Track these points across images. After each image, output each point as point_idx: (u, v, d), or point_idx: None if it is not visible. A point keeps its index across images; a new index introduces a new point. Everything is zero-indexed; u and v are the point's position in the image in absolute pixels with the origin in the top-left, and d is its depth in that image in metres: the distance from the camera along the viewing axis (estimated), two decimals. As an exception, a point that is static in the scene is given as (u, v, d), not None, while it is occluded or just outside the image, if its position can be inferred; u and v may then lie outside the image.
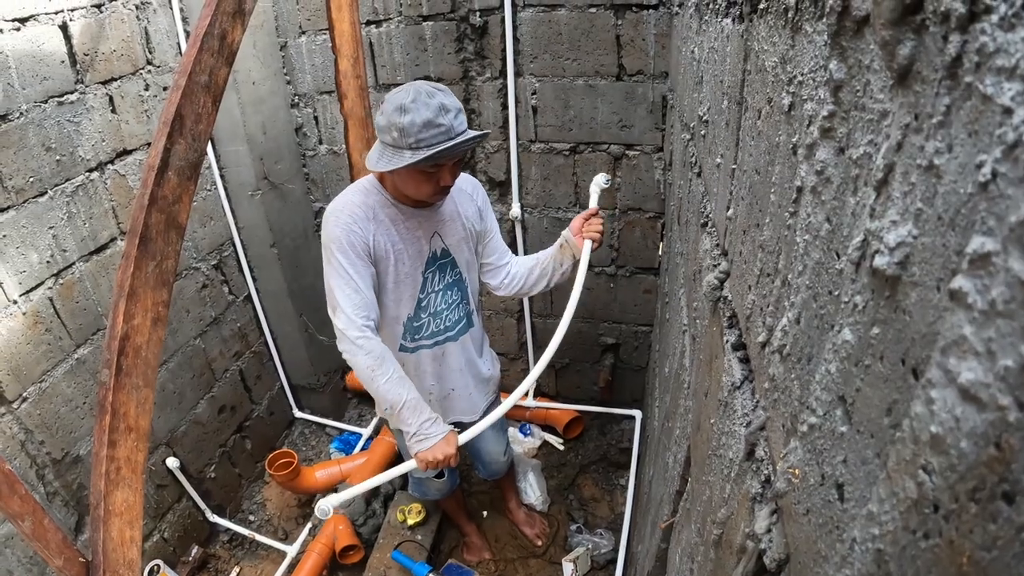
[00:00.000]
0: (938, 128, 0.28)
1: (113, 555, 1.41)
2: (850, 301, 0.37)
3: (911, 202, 0.30)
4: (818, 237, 0.45)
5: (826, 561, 0.37)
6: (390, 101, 1.64)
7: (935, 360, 0.26)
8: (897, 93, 0.33)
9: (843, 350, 0.38)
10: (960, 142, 0.26)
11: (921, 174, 0.29)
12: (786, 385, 0.50)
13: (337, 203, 1.82)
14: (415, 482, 2.49)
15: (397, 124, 1.61)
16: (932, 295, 0.28)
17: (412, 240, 1.88)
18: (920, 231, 0.29)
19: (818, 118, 0.45)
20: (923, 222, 0.29)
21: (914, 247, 0.30)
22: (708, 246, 1.02)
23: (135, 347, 1.36)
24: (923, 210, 0.29)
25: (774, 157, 0.59)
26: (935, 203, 0.28)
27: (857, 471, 0.34)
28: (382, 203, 1.84)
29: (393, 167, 1.65)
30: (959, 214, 0.26)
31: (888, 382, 0.32)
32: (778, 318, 0.54)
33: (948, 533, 0.25)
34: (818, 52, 0.46)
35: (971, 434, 0.24)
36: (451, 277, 2.01)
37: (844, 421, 0.37)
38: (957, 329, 0.25)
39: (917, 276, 0.29)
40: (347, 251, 1.76)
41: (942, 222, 0.27)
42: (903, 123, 0.32)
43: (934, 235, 0.28)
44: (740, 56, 0.82)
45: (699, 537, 0.84)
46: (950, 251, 0.26)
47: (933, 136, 0.28)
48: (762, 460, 0.56)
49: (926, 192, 0.29)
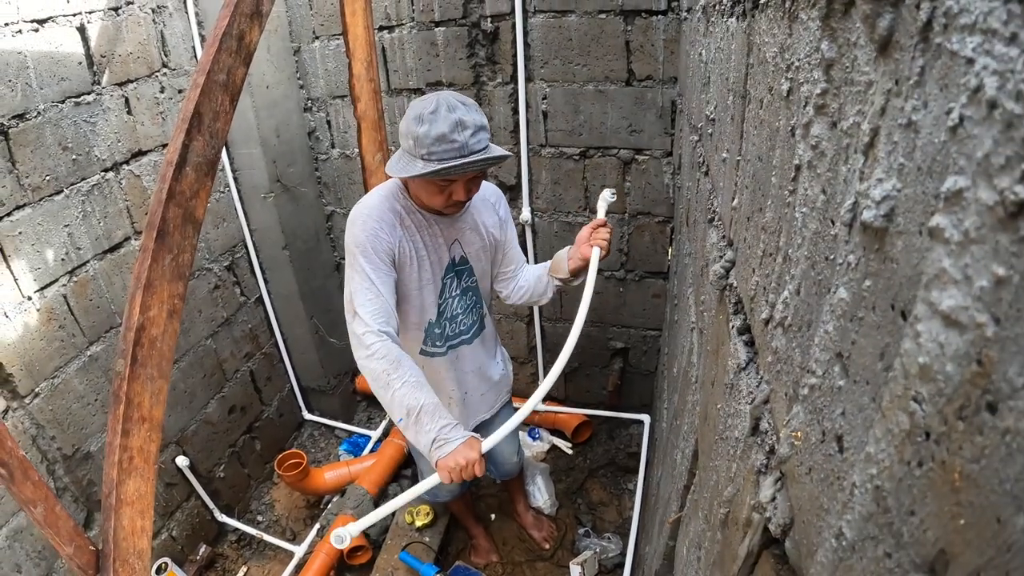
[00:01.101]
0: (915, 88, 0.31)
1: (124, 544, 1.43)
2: (844, 261, 0.39)
3: (894, 159, 0.33)
4: (815, 208, 0.47)
5: (828, 513, 0.38)
6: (413, 108, 1.65)
7: (920, 297, 0.28)
8: (880, 63, 0.35)
9: (839, 308, 0.39)
10: (933, 97, 0.29)
11: (902, 132, 0.32)
12: (788, 355, 0.52)
13: (364, 206, 1.79)
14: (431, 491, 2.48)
15: (413, 133, 1.62)
16: (915, 239, 0.30)
17: (434, 247, 1.88)
18: (903, 183, 0.32)
19: (813, 97, 0.48)
20: (905, 175, 0.32)
21: (898, 199, 0.32)
22: (715, 239, 1.04)
23: (151, 338, 1.38)
24: (904, 164, 0.32)
25: (775, 142, 0.62)
26: (915, 156, 0.30)
27: (855, 419, 0.36)
28: (407, 208, 1.83)
29: (405, 175, 1.65)
30: (935, 161, 0.28)
31: (880, 328, 0.33)
32: (779, 293, 0.55)
33: (940, 455, 0.27)
34: (812, 36, 0.49)
35: (955, 356, 0.26)
36: (467, 282, 2.01)
37: (842, 375, 0.39)
38: (937, 263, 0.27)
39: (902, 225, 0.32)
40: (371, 256, 1.73)
41: (921, 172, 0.30)
42: (885, 89, 0.34)
43: (915, 185, 0.30)
44: (744, 51, 0.84)
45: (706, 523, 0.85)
46: (928, 196, 0.29)
47: (911, 96, 0.31)
48: (766, 432, 0.57)
49: (907, 147, 0.31)
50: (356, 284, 1.72)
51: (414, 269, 1.85)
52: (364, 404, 3.96)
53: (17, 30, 2.03)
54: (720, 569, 0.69)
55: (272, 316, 3.41)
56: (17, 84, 2.04)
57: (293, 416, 3.73)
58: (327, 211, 3.49)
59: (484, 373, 2.18)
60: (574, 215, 2.97)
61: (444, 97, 1.64)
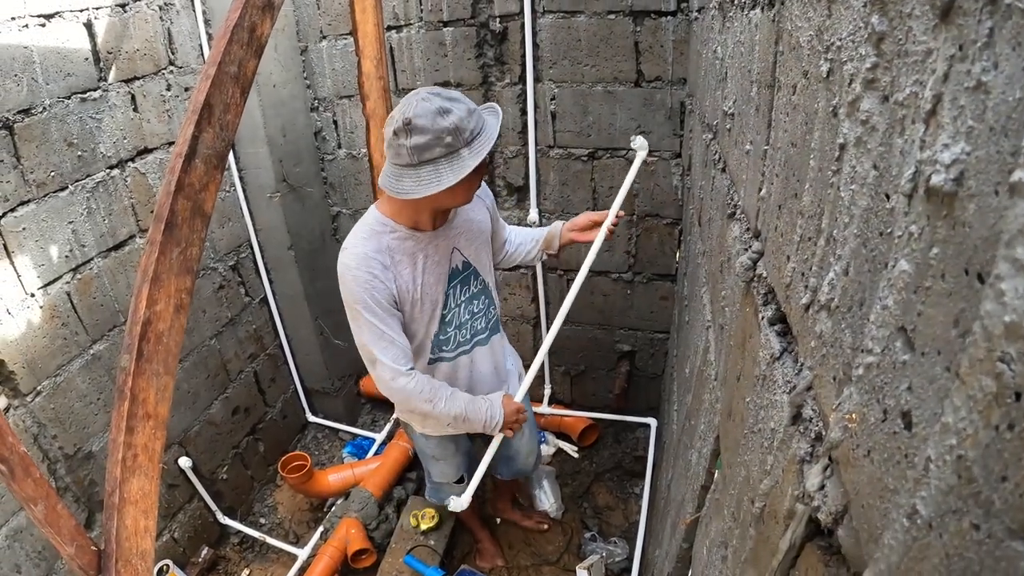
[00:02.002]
0: (983, 50, 0.31)
1: (127, 544, 1.40)
2: (904, 233, 0.39)
3: (961, 123, 0.33)
4: (865, 184, 0.47)
5: (896, 493, 0.37)
6: (420, 116, 1.51)
7: (1000, 256, 0.28)
8: (940, 30, 0.35)
9: (900, 281, 0.38)
10: (1005, 57, 0.29)
11: (969, 95, 0.32)
12: (835, 337, 0.51)
13: (350, 257, 1.71)
14: (433, 488, 2.48)
15: (446, 127, 1.51)
16: (991, 200, 0.29)
17: (433, 265, 1.82)
18: (973, 146, 0.32)
19: (860, 73, 0.48)
20: (975, 137, 0.31)
21: (968, 162, 0.32)
22: (737, 232, 1.02)
23: (157, 333, 1.36)
24: (974, 127, 0.31)
25: (812, 125, 0.62)
26: (985, 117, 0.30)
27: (924, 392, 0.35)
28: (398, 239, 1.75)
29: (460, 176, 1.55)
30: (1010, 119, 0.28)
31: (952, 295, 0.33)
32: (823, 276, 0.54)
33: (1033, 415, 0.25)
34: (856, 15, 0.49)
35: (1046, 308, 0.25)
36: (475, 287, 1.97)
37: (906, 350, 0.38)
38: (1020, 219, 0.27)
39: (974, 187, 0.31)
40: (374, 309, 1.71)
41: (994, 132, 0.29)
42: (948, 55, 0.34)
43: (987, 146, 0.30)
44: (771, 40, 0.83)
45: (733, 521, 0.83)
46: (1004, 155, 0.28)
47: (979, 59, 0.31)
48: (810, 419, 0.56)
49: (975, 110, 0.31)
50: (367, 337, 1.74)
51: (417, 296, 1.81)
52: (368, 406, 3.93)
53: (24, 24, 2.02)
54: (754, 566, 0.67)
55: (277, 317, 3.40)
56: (23, 79, 2.03)
57: (297, 418, 3.71)
58: (333, 212, 3.47)
59: (500, 374, 2.16)
60: (582, 216, 2.95)
61: (422, 93, 1.56)
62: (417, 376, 1.80)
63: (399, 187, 1.58)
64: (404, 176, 1.57)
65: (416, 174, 1.56)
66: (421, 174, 1.56)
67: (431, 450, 2.27)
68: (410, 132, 1.51)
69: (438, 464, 2.33)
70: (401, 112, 1.53)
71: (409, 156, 1.54)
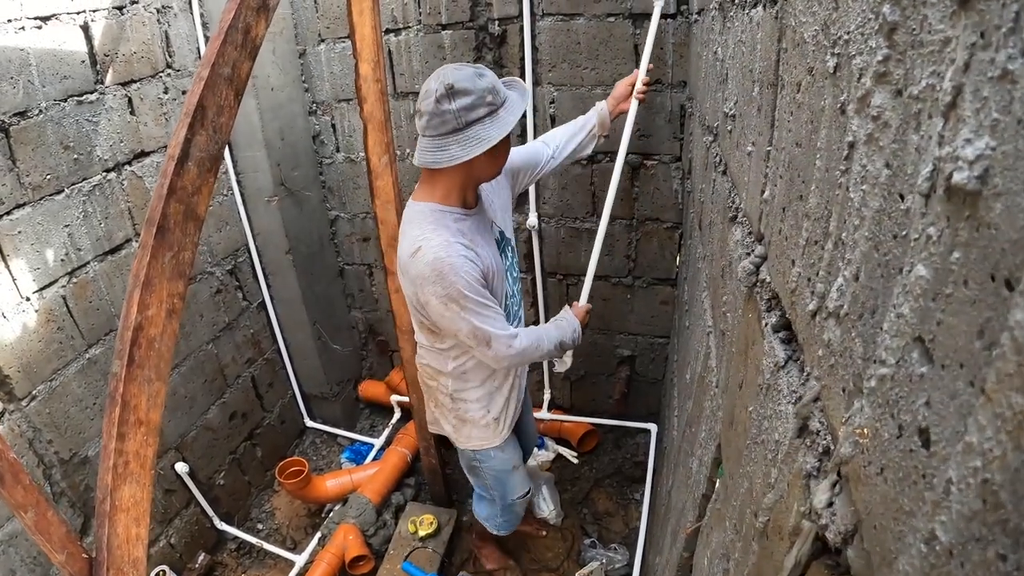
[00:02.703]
0: (1008, 35, 0.29)
1: (118, 552, 1.38)
2: (921, 236, 0.36)
3: (985, 116, 0.30)
4: (877, 184, 0.44)
5: (912, 516, 0.34)
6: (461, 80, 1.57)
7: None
8: (959, 17, 0.33)
9: (917, 288, 0.36)
10: None
11: (993, 85, 0.30)
12: (845, 347, 0.48)
13: (438, 249, 1.67)
14: (507, 519, 2.51)
15: (486, 87, 1.59)
16: (1020, 199, 0.27)
17: (489, 239, 1.86)
18: (999, 140, 0.29)
19: (871, 67, 0.46)
20: (1001, 131, 0.29)
21: (993, 158, 0.30)
22: (739, 236, 1.00)
23: (148, 338, 1.33)
24: (999, 119, 0.29)
25: (818, 124, 0.60)
26: (1012, 108, 0.28)
27: (945, 408, 0.32)
28: (458, 219, 1.76)
29: (505, 131, 1.63)
30: None
31: (976, 303, 0.30)
32: (830, 282, 0.52)
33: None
34: (865, 5, 0.47)
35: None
36: (511, 258, 2.02)
37: (923, 361, 0.35)
38: None
39: (1000, 185, 0.29)
40: (476, 288, 1.70)
41: (1022, 124, 0.27)
42: (969, 43, 0.32)
43: (1015, 140, 0.28)
44: (774, 38, 0.82)
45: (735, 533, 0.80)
46: None
47: (1004, 45, 0.29)
48: (817, 432, 0.53)
49: (1001, 101, 0.29)
50: (478, 319, 1.73)
51: (492, 271, 1.81)
52: (367, 412, 3.91)
53: (20, 27, 2.01)
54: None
55: (274, 321, 3.37)
56: (19, 81, 2.01)
57: (295, 423, 3.68)
58: (331, 216, 3.45)
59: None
60: (581, 221, 2.93)
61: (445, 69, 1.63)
62: (520, 331, 1.85)
63: (447, 155, 1.62)
64: (448, 144, 1.61)
65: (463, 137, 1.61)
66: (468, 136, 1.60)
67: (510, 459, 2.26)
68: (454, 96, 1.56)
69: (517, 473, 2.33)
70: (439, 81, 1.58)
71: (456, 120, 1.58)
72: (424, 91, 1.62)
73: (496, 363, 1.85)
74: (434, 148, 1.63)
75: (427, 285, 1.68)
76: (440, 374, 2.03)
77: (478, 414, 2.07)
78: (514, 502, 2.40)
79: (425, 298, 1.71)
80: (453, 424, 2.14)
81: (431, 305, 1.71)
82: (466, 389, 2.03)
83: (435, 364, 2.02)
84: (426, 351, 2.03)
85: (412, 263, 1.69)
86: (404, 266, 1.75)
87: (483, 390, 2.04)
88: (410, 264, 1.70)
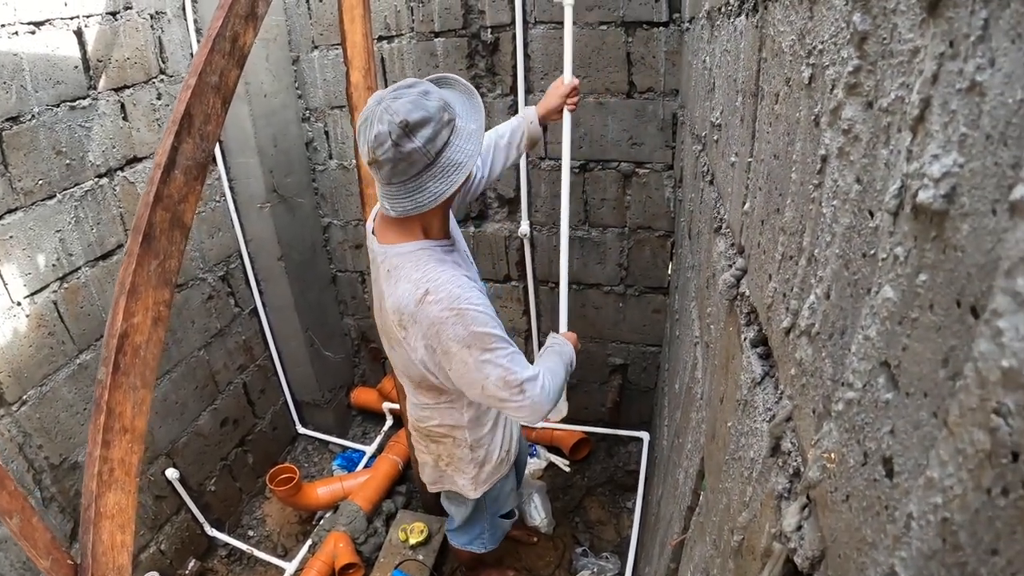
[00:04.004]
0: (977, 44, 0.27)
1: (103, 559, 1.37)
2: (889, 256, 0.35)
3: (953, 130, 0.29)
4: (847, 200, 0.43)
5: (874, 548, 0.33)
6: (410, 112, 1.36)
7: (998, 287, 0.24)
8: (928, 25, 0.32)
9: (884, 310, 0.35)
10: (1003, 51, 0.25)
11: (962, 98, 0.28)
12: (816, 367, 0.47)
13: (453, 288, 1.48)
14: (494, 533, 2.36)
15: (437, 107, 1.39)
16: (987, 220, 0.26)
17: (473, 265, 1.77)
18: (966, 156, 0.28)
19: (842, 78, 0.45)
20: (968, 147, 0.28)
21: (960, 175, 0.28)
22: (723, 247, 0.99)
23: (134, 346, 1.33)
24: (967, 134, 0.28)
25: (794, 136, 0.59)
26: (980, 123, 0.27)
27: (908, 439, 0.31)
28: (449, 252, 1.60)
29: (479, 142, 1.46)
30: (1010, 124, 0.25)
31: (942, 330, 0.29)
32: (804, 299, 0.51)
33: (1034, 482, 0.22)
34: (838, 15, 0.46)
35: (1054, 354, 0.21)
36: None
37: (889, 388, 0.34)
38: (1023, 244, 0.23)
39: (967, 205, 0.27)
40: (498, 324, 1.55)
41: (991, 140, 0.26)
42: (937, 53, 0.31)
43: (983, 157, 0.26)
44: (755, 47, 0.81)
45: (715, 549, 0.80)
46: (1003, 167, 0.25)
47: (972, 55, 0.28)
48: (789, 453, 0.52)
49: (969, 115, 0.28)
50: (507, 362, 1.53)
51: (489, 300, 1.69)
52: (359, 419, 3.90)
53: (13, 32, 2.00)
54: (733, 600, 0.64)
55: (267, 328, 3.36)
56: (12, 86, 2.01)
57: (287, 430, 3.66)
58: (324, 222, 3.44)
59: None
60: (573, 229, 2.93)
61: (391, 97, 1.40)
62: (540, 375, 1.61)
63: (429, 196, 1.43)
64: (424, 183, 1.42)
65: (437, 170, 1.42)
66: (441, 167, 1.42)
67: (512, 479, 2.21)
68: (413, 132, 1.36)
69: (512, 494, 2.29)
70: (386, 121, 1.35)
71: (424, 156, 1.39)
72: (372, 137, 1.38)
73: (532, 414, 1.61)
74: (409, 193, 1.43)
75: (446, 329, 1.47)
76: (456, 429, 1.87)
77: (495, 452, 1.96)
78: (502, 521, 2.35)
79: (444, 346, 1.51)
80: (472, 475, 1.98)
81: (451, 354, 1.51)
82: (484, 433, 1.90)
83: (448, 421, 1.85)
84: (432, 410, 1.84)
85: (422, 310, 1.49)
86: (410, 316, 1.52)
87: (498, 426, 1.93)
88: (419, 312, 1.49)
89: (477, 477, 1.99)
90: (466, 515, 2.22)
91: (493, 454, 1.96)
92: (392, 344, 1.72)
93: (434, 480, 2.12)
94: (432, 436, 1.95)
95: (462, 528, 2.31)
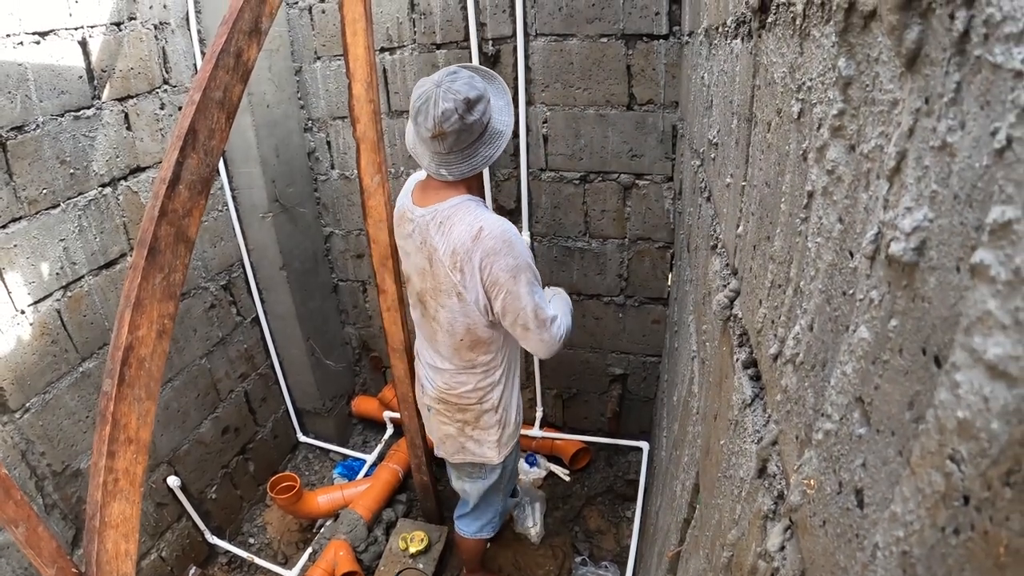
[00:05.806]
0: (949, 106, 0.28)
1: (107, 568, 1.39)
2: (865, 298, 0.36)
3: (925, 186, 0.30)
4: (830, 239, 0.44)
5: (846, 573, 0.35)
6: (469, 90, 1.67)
7: (959, 342, 0.25)
8: (906, 79, 0.33)
9: (859, 349, 0.36)
10: (973, 116, 0.26)
11: (934, 155, 0.29)
12: (799, 395, 0.49)
13: (499, 224, 1.75)
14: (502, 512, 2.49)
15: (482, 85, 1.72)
16: (952, 276, 0.27)
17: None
18: (936, 213, 0.29)
19: (828, 119, 0.45)
20: (938, 203, 0.29)
21: (930, 230, 0.29)
22: (718, 267, 1.01)
23: (139, 358, 1.35)
24: (938, 191, 0.29)
25: (784, 167, 0.59)
26: (950, 182, 0.28)
27: (877, 473, 0.33)
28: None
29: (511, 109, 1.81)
30: (975, 188, 0.25)
31: (909, 374, 0.30)
32: (790, 328, 0.52)
33: (981, 524, 0.23)
34: (826, 55, 0.46)
35: (1002, 413, 0.22)
36: None
37: (862, 423, 0.36)
38: (980, 305, 0.24)
39: (935, 260, 0.29)
40: (534, 261, 1.81)
41: (958, 200, 0.27)
42: (914, 108, 0.31)
43: (950, 215, 0.27)
44: (749, 73, 0.82)
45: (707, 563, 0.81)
46: (968, 228, 0.26)
47: (945, 115, 0.28)
48: (774, 475, 0.54)
49: (940, 172, 0.29)
50: (538, 299, 1.78)
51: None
52: (359, 427, 3.91)
53: (19, 42, 2.02)
54: (724, 616, 0.66)
55: (268, 337, 3.38)
56: (17, 96, 2.03)
57: (288, 438, 3.68)
58: (326, 232, 3.46)
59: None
60: (574, 240, 2.95)
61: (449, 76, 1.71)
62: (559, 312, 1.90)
63: (481, 159, 1.76)
64: (477, 149, 1.74)
65: (487, 136, 1.75)
66: (490, 134, 1.75)
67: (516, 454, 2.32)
68: (472, 107, 1.68)
69: (516, 471, 2.40)
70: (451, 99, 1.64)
71: (481, 125, 1.71)
72: (439, 113, 1.65)
73: (548, 348, 1.84)
74: (466, 158, 1.73)
75: (499, 259, 1.71)
76: (493, 387, 2.03)
77: (513, 413, 2.11)
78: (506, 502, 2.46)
79: (494, 276, 1.73)
80: (496, 436, 2.11)
81: (500, 283, 1.73)
82: (507, 389, 2.06)
83: (484, 382, 2.01)
84: (468, 374, 2.00)
85: (478, 244, 1.72)
86: (466, 253, 1.74)
87: (515, 382, 2.10)
88: (475, 247, 1.72)
89: (500, 439, 2.12)
90: (483, 490, 2.30)
91: (511, 414, 2.09)
92: (441, 302, 1.86)
93: (455, 451, 2.21)
94: (461, 404, 2.06)
95: (476, 510, 2.40)
